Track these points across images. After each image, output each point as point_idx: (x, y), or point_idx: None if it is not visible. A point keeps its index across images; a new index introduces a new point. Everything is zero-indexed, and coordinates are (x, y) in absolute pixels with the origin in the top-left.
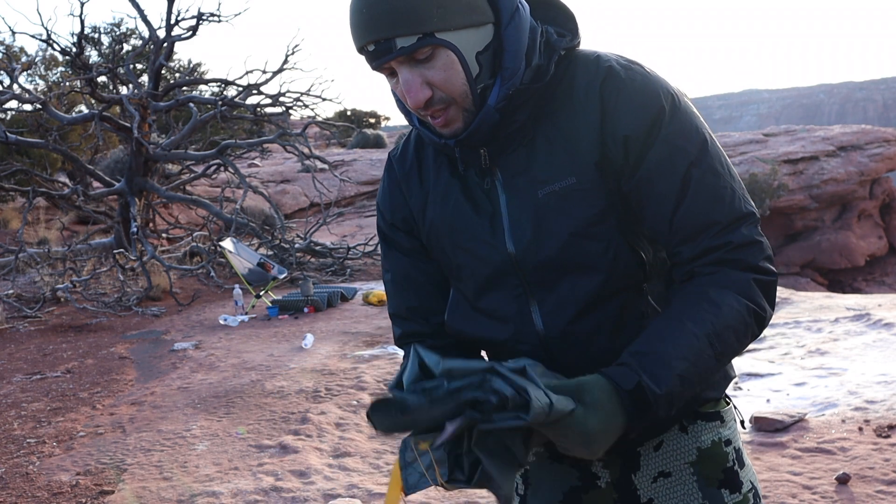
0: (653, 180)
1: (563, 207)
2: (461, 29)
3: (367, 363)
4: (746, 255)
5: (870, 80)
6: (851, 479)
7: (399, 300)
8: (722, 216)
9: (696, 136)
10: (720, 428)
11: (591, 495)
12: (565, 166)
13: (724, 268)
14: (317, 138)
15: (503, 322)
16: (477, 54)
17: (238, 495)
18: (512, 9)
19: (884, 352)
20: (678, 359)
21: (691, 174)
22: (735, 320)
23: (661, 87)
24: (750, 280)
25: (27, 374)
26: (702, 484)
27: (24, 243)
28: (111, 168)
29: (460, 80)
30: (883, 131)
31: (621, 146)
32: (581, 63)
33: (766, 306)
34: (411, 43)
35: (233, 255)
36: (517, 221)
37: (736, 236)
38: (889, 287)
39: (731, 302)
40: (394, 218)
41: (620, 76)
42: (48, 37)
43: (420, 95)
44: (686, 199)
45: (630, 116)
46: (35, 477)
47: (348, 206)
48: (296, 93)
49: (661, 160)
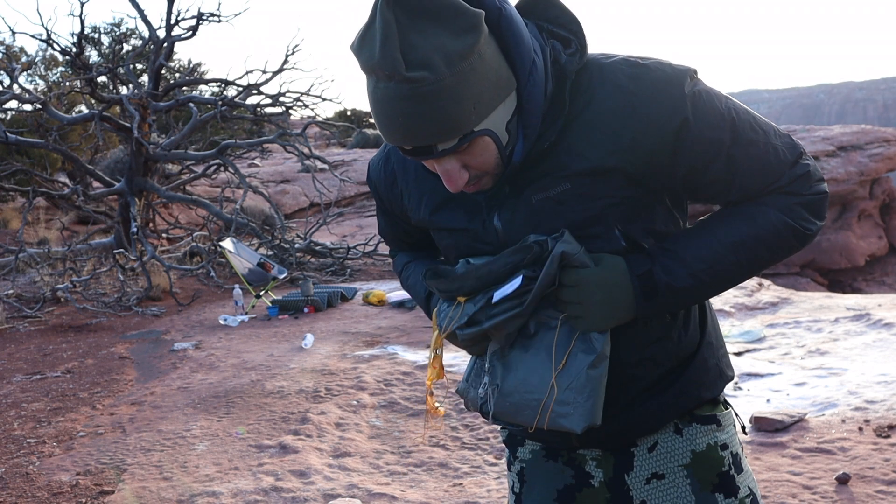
0: (698, 174)
1: (557, 210)
2: (493, 111)
3: (367, 363)
4: (795, 188)
5: (870, 80)
6: (851, 479)
7: (389, 240)
8: (773, 177)
9: (723, 122)
10: (716, 432)
11: (584, 494)
12: (560, 175)
13: (775, 196)
14: (317, 138)
15: None
16: (506, 125)
17: (238, 495)
18: (528, 66)
19: (884, 352)
20: (695, 259)
21: (733, 156)
22: (768, 233)
23: (676, 89)
24: (792, 202)
25: (27, 374)
26: (695, 487)
27: (24, 243)
28: (111, 168)
29: (494, 157)
30: (883, 131)
31: (644, 160)
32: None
33: (810, 224)
34: (452, 144)
35: (233, 255)
36: (509, 224)
37: (783, 180)
38: (889, 287)
39: (769, 216)
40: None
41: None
42: (48, 37)
43: (460, 182)
44: (737, 179)
45: (649, 134)
46: (35, 477)
47: (348, 206)
48: (296, 93)
49: (698, 156)
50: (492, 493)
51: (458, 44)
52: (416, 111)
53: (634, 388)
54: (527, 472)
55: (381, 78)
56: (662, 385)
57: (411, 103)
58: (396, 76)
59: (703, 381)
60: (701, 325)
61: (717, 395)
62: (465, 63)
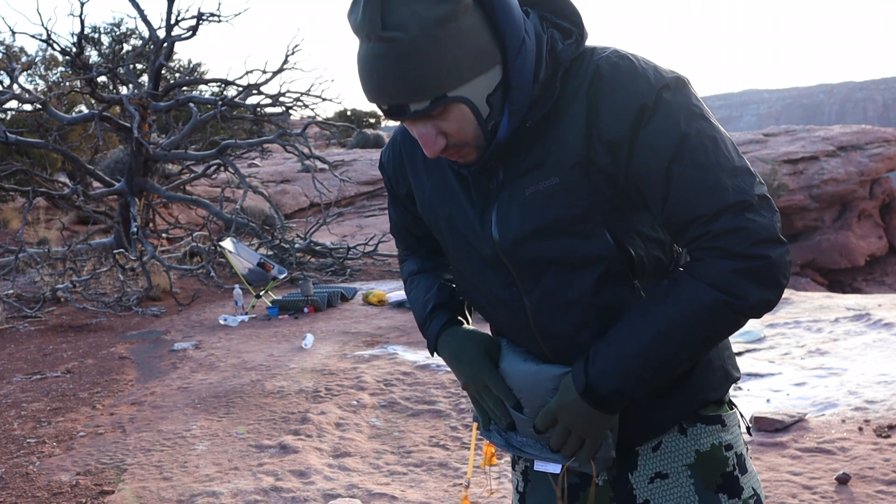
0: (641, 180)
1: (546, 205)
2: (471, 80)
3: (367, 363)
4: (728, 243)
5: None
6: (851, 479)
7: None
8: (704, 209)
9: (676, 132)
10: (721, 432)
11: (588, 493)
12: (551, 167)
13: (706, 256)
14: (317, 138)
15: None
16: (487, 97)
17: (238, 495)
18: (517, 45)
19: (884, 352)
20: (627, 358)
21: (672, 172)
22: (700, 314)
23: (646, 83)
24: (729, 271)
25: (27, 374)
26: (699, 487)
27: (24, 243)
28: (111, 168)
29: (472, 127)
30: (883, 131)
31: (607, 150)
32: (575, 66)
33: (747, 294)
34: (424, 106)
35: (233, 255)
36: (504, 216)
37: (716, 226)
38: (889, 287)
39: (699, 295)
40: (399, 187)
41: (605, 77)
42: (48, 37)
43: (436, 147)
44: (670, 196)
45: (612, 120)
46: (35, 477)
47: (348, 206)
48: (296, 93)
49: (643, 161)
50: (492, 493)
51: (436, 10)
52: (391, 70)
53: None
54: (531, 471)
55: (363, 39)
56: (668, 387)
57: (386, 62)
58: (374, 36)
59: (708, 383)
60: None
61: (723, 395)
62: (441, 29)
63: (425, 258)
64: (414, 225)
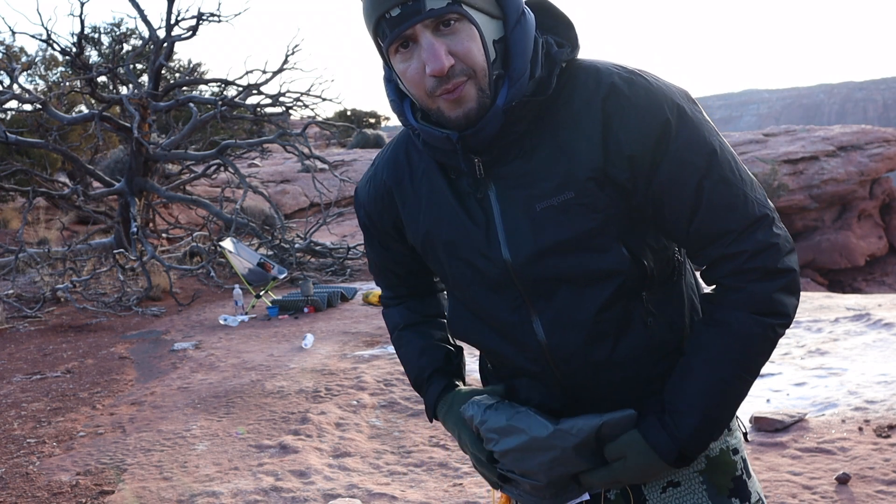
0: (665, 195)
1: (561, 221)
2: (482, 12)
3: (367, 363)
4: (764, 261)
5: (870, 80)
6: (851, 479)
7: (380, 278)
8: (735, 223)
9: (705, 148)
10: (727, 437)
11: None
12: (563, 181)
13: (745, 281)
14: (317, 138)
15: (504, 335)
16: (493, 41)
17: (238, 495)
18: (518, 12)
19: (884, 352)
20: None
21: (703, 186)
22: (761, 345)
23: (665, 99)
24: (770, 294)
25: (27, 374)
26: (712, 493)
27: (24, 243)
28: (111, 168)
29: (481, 54)
30: (883, 131)
31: (626, 164)
32: (581, 76)
33: (788, 310)
34: (441, 5)
35: (233, 255)
36: (513, 234)
37: (749, 243)
38: (889, 287)
39: (751, 329)
40: (382, 222)
41: (623, 92)
42: (48, 37)
43: (444, 61)
44: (700, 211)
45: (634, 135)
46: (35, 477)
47: (348, 206)
48: (296, 93)
49: (671, 176)
50: (492, 493)
51: None
52: None
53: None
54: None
55: None
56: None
57: None
58: None
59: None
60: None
61: None
62: None
63: (411, 307)
64: (395, 263)
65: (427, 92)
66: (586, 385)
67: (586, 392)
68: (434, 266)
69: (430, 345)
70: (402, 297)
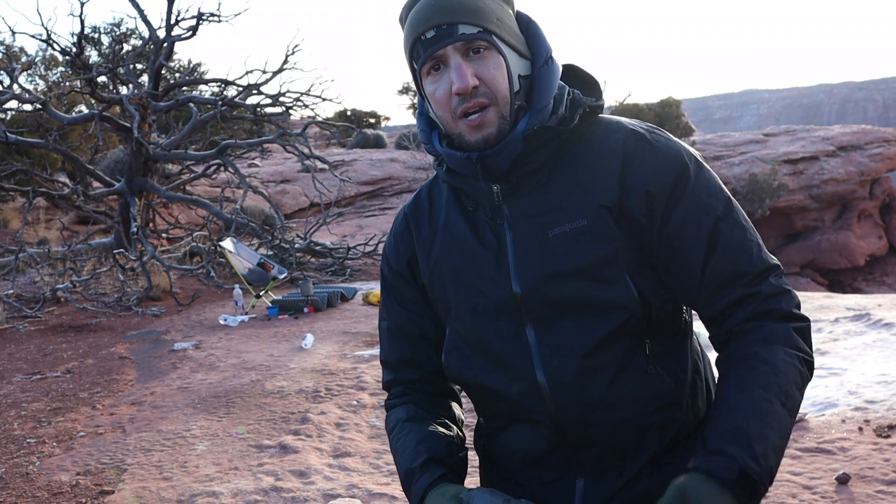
0: (681, 235)
1: (572, 248)
2: (511, 47)
3: (367, 363)
4: (780, 304)
5: (870, 80)
6: (851, 479)
7: (392, 349)
8: (751, 267)
9: (722, 193)
10: None
11: None
12: (578, 209)
13: (763, 321)
14: (317, 138)
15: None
16: (519, 75)
17: (238, 495)
18: (546, 55)
19: (884, 352)
20: (766, 429)
21: (720, 228)
22: (793, 373)
23: (683, 149)
24: (790, 330)
25: (27, 374)
26: None
27: (24, 243)
28: (111, 168)
29: (505, 83)
30: (883, 131)
31: (643, 199)
32: (604, 122)
33: (809, 351)
34: (472, 32)
35: (233, 255)
36: (523, 259)
37: (766, 286)
38: (889, 287)
39: (783, 356)
40: (398, 264)
41: (644, 136)
42: (48, 37)
43: (469, 79)
44: (716, 253)
45: (654, 172)
46: (35, 477)
47: (348, 206)
48: (296, 93)
49: (688, 215)
50: None
51: None
52: None
53: (642, 456)
54: None
55: None
56: (669, 457)
57: None
58: None
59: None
60: (709, 393)
61: None
62: None
63: (419, 403)
64: (410, 321)
65: (451, 112)
66: (578, 423)
67: (578, 431)
68: (439, 297)
69: (433, 435)
70: (409, 391)
